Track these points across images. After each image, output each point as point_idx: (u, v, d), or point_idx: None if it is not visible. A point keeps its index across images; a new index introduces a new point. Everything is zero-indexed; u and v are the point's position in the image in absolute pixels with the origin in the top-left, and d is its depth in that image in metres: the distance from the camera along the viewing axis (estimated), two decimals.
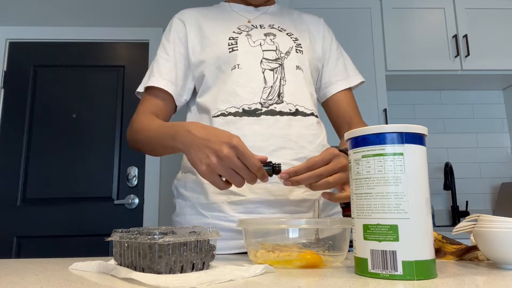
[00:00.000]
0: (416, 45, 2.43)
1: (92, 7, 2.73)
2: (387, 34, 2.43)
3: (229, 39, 0.98)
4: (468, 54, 2.38)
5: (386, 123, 2.29)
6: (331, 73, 1.09)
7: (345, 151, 0.81)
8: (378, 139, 0.53)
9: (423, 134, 0.54)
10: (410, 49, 2.42)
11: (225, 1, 1.13)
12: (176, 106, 1.03)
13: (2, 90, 2.57)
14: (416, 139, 0.53)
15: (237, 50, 0.97)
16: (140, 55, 2.65)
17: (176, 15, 1.07)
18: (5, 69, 2.59)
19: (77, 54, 2.65)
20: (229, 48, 0.97)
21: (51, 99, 2.57)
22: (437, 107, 2.75)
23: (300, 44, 1.02)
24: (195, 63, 1.01)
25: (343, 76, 1.09)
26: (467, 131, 2.73)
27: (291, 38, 1.02)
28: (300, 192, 0.90)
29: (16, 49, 2.63)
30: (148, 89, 1.01)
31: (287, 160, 0.89)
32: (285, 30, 1.04)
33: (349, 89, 1.10)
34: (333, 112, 1.09)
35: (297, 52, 1.00)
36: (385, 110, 2.32)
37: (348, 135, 0.57)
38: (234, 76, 0.95)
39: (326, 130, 1.04)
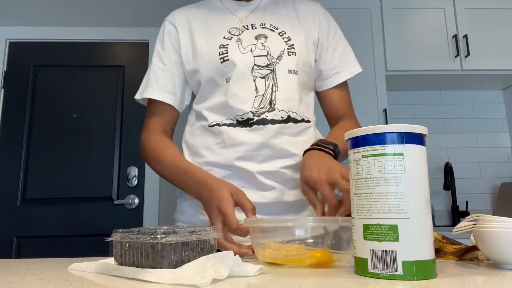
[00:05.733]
0: (416, 45, 2.43)
1: (92, 7, 2.73)
2: (387, 34, 2.43)
3: (220, 47, 0.97)
4: (468, 54, 2.38)
5: (386, 123, 2.29)
6: (327, 66, 1.06)
7: (323, 146, 0.85)
8: (378, 139, 0.53)
9: (423, 134, 0.54)
10: (410, 49, 2.42)
11: None
12: (179, 112, 1.04)
13: (2, 90, 2.57)
14: (416, 139, 0.53)
15: (228, 60, 0.95)
16: (140, 55, 2.65)
17: (168, 18, 1.06)
18: (5, 69, 2.59)
19: (77, 54, 2.65)
20: (220, 58, 0.96)
21: (51, 99, 2.57)
22: (437, 107, 2.75)
23: (292, 45, 0.99)
24: (189, 72, 1.01)
25: (339, 69, 1.06)
26: (467, 131, 2.73)
27: (283, 38, 0.99)
28: (291, 195, 0.94)
29: (16, 49, 2.63)
30: (151, 101, 1.02)
31: (277, 169, 0.92)
32: (277, 29, 1.01)
33: (345, 81, 1.07)
34: (325, 105, 1.09)
35: (290, 55, 0.98)
36: (385, 110, 2.32)
37: (348, 135, 0.57)
38: (226, 86, 0.95)
39: (323, 131, 1.04)
